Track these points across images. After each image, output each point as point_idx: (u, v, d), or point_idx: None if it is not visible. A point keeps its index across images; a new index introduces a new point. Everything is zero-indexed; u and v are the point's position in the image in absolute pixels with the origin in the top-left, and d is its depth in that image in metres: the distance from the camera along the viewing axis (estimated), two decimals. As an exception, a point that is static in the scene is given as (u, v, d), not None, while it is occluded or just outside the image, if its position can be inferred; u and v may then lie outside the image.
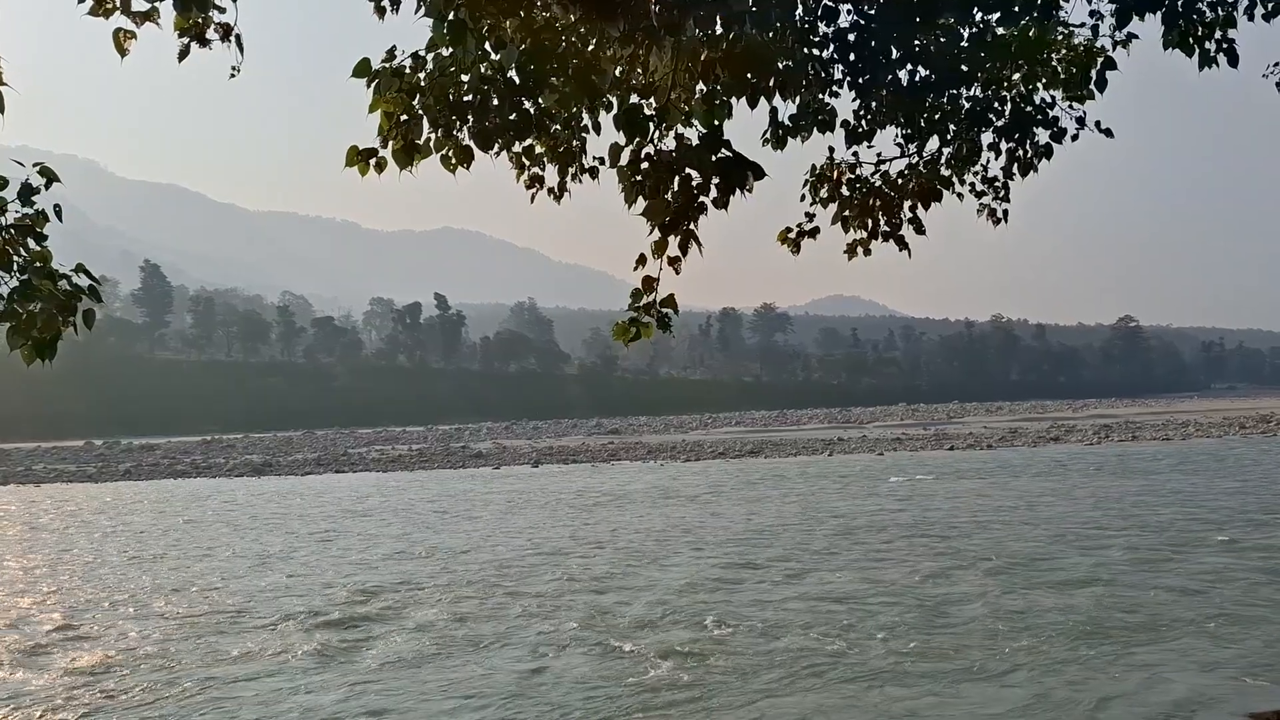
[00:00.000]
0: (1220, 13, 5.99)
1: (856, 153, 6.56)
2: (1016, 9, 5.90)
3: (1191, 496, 27.89)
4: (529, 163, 5.69)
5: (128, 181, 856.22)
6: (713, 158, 4.72)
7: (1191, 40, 5.99)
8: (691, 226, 4.83)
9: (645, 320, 4.94)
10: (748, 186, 4.80)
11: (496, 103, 5.12)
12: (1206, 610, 13.79)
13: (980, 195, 6.90)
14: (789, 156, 6.52)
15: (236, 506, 34.30)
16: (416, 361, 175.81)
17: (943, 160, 6.69)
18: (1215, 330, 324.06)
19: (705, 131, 4.86)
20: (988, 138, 6.62)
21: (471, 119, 5.16)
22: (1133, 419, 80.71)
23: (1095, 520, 23.54)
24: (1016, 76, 6.45)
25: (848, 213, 6.59)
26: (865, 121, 6.44)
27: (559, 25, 5.03)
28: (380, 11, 5.26)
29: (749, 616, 14.38)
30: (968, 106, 6.48)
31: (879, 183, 6.63)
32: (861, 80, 6.08)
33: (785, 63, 5.67)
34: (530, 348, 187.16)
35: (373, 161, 5.03)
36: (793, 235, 6.53)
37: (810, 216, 6.57)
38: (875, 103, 6.33)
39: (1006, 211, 6.99)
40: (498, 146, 5.33)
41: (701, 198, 4.81)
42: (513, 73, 5.01)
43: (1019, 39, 6.08)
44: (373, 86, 5.01)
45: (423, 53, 5.07)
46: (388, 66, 5.03)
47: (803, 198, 6.61)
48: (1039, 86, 6.48)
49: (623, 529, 24.89)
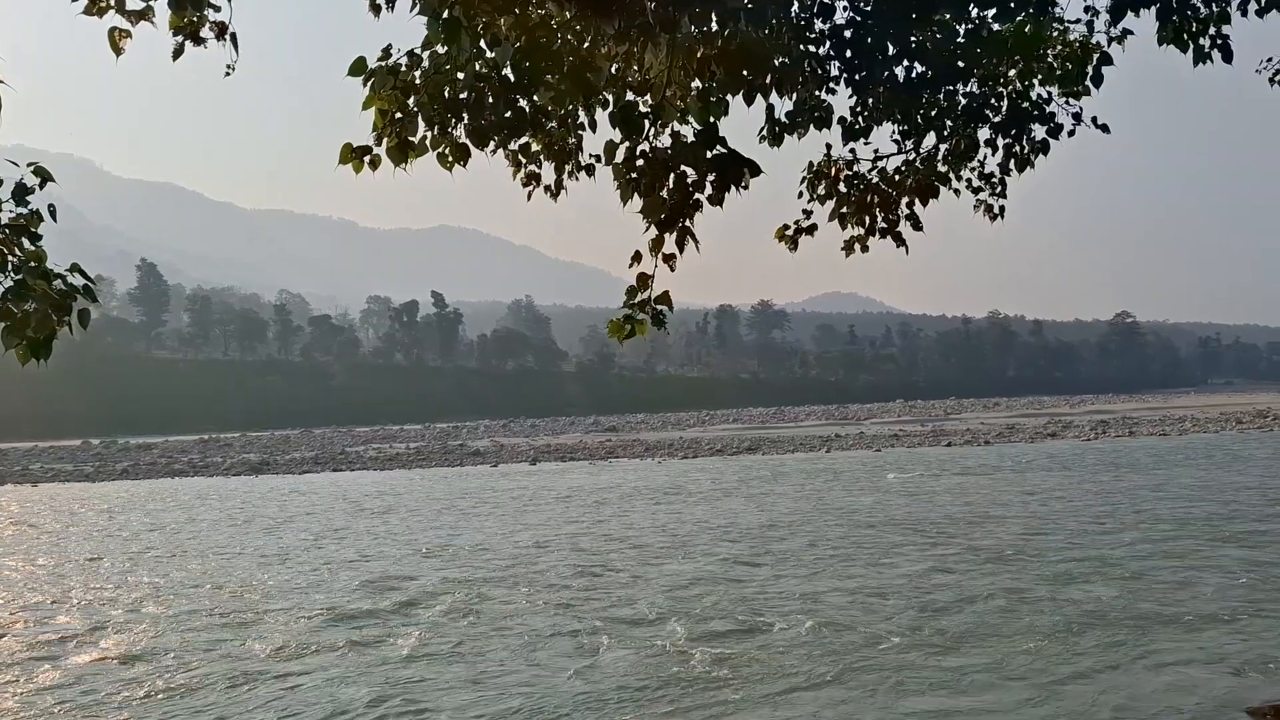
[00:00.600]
0: (1214, 9, 6.00)
1: (853, 149, 6.57)
2: (1012, 5, 5.90)
3: (1190, 491, 27.95)
4: (525, 160, 5.68)
5: (124, 180, 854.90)
6: (708, 154, 4.72)
7: (1186, 36, 6.00)
8: (688, 223, 4.83)
9: (640, 317, 4.95)
10: (744, 183, 4.81)
11: (492, 100, 5.12)
12: (1212, 605, 13.82)
13: (977, 191, 6.91)
14: (786, 153, 6.52)
15: (236, 505, 34.26)
16: (414, 360, 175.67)
17: (939, 156, 6.70)
18: (1211, 326, 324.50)
19: (700, 128, 4.86)
20: (984, 133, 6.63)
21: (467, 116, 5.16)
22: (1130, 414, 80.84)
23: (1096, 515, 23.57)
24: (1012, 72, 6.46)
25: (845, 209, 6.59)
26: (862, 118, 6.44)
27: (554, 22, 5.02)
28: (375, 9, 5.25)
29: (762, 610, 14.46)
30: (964, 103, 6.49)
31: (876, 179, 6.63)
32: (858, 77, 6.08)
33: (781, 59, 5.68)
34: (527, 346, 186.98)
35: (367, 159, 5.02)
36: (790, 232, 6.53)
37: (807, 213, 6.57)
38: (872, 99, 6.33)
39: (1003, 207, 7.00)
40: (493, 144, 5.32)
41: (697, 195, 4.81)
42: (508, 70, 5.00)
43: (1015, 35, 6.09)
44: (368, 85, 5.01)
45: (418, 50, 5.06)
46: (383, 65, 5.02)
47: (800, 194, 6.61)
48: (1035, 82, 6.49)
49: (627, 526, 24.91)
